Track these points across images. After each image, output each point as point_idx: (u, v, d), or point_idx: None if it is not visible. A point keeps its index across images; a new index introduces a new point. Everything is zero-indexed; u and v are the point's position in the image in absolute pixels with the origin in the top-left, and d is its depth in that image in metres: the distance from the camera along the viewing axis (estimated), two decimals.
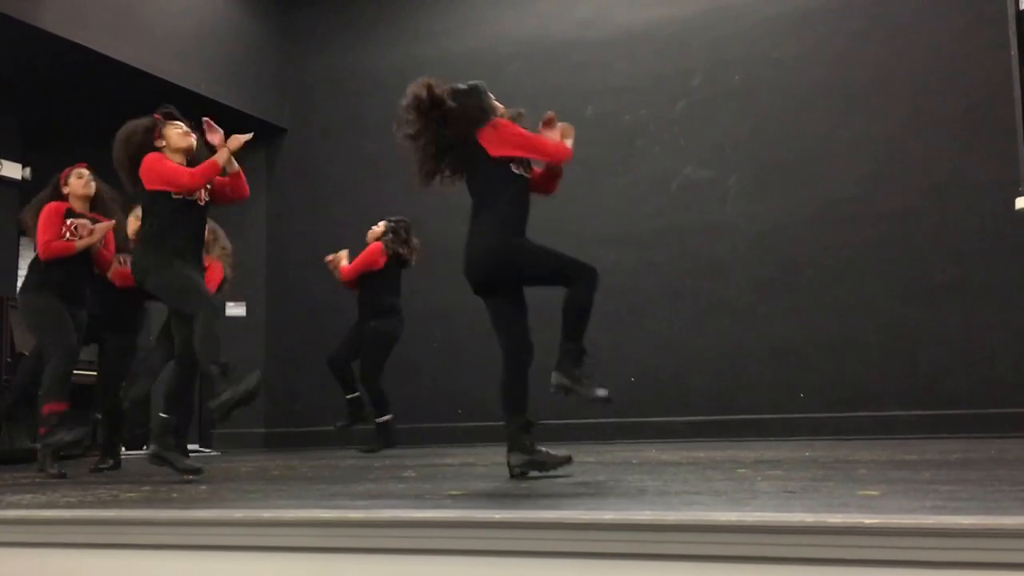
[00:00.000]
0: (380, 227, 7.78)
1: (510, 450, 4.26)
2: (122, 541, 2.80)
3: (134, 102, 9.38)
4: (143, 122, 5.24)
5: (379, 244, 7.67)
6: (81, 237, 5.77)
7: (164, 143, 5.19)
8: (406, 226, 7.79)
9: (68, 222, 5.78)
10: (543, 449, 4.31)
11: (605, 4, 9.54)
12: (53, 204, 5.82)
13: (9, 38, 7.84)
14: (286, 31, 10.71)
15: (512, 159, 4.48)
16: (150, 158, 5.06)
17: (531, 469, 4.21)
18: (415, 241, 7.82)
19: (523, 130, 4.55)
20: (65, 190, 5.89)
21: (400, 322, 7.70)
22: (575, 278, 4.33)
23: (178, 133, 5.22)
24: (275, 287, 10.48)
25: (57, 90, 9.28)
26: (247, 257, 10.27)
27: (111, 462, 6.47)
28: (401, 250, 7.72)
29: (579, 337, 4.34)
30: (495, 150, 4.46)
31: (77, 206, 5.88)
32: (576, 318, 4.32)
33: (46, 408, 5.50)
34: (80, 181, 5.91)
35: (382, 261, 7.63)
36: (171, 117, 5.29)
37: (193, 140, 5.24)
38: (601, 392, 4.29)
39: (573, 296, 4.31)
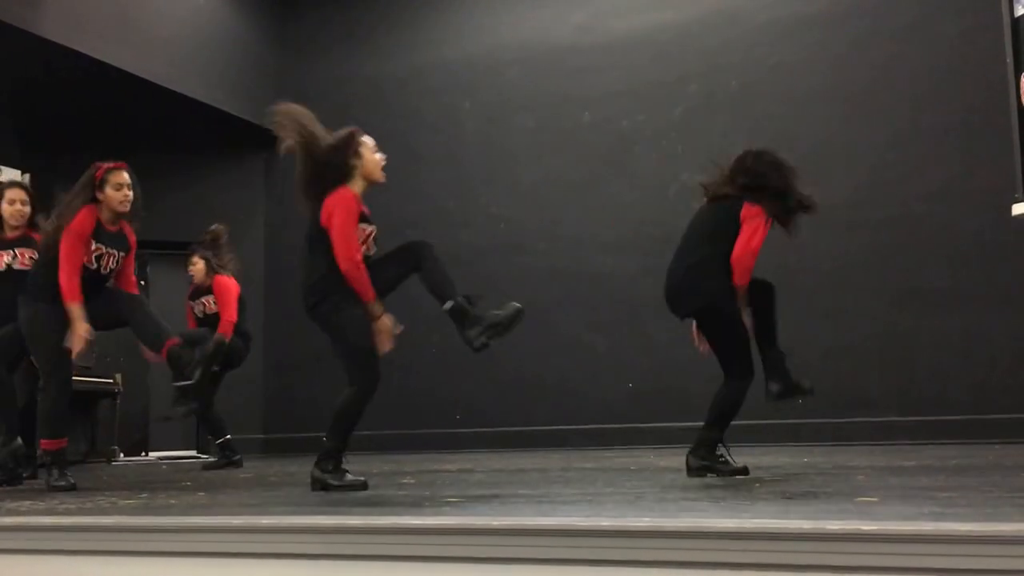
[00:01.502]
0: (200, 263, 7.35)
1: (693, 451, 4.61)
2: (121, 548, 2.80)
3: (133, 108, 9.47)
4: (342, 135, 4.52)
5: (225, 277, 7.33)
6: (104, 268, 5.05)
7: (359, 163, 4.47)
8: (214, 240, 7.43)
9: (94, 247, 5.01)
10: (725, 458, 4.63)
11: (602, 10, 9.55)
12: (79, 226, 4.94)
13: (8, 45, 7.84)
14: (285, 38, 10.71)
15: None
16: (345, 196, 4.33)
17: (708, 473, 4.52)
18: (229, 255, 7.52)
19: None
20: (100, 195, 5.06)
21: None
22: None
23: (375, 160, 4.52)
24: (273, 293, 10.47)
25: (56, 96, 9.27)
26: (246, 263, 10.24)
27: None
28: (230, 268, 7.45)
29: (774, 342, 4.91)
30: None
31: (106, 219, 5.07)
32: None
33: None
34: (118, 195, 5.06)
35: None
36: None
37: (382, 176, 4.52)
38: (806, 383, 4.84)
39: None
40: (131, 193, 5.10)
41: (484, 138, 9.83)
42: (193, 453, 9.86)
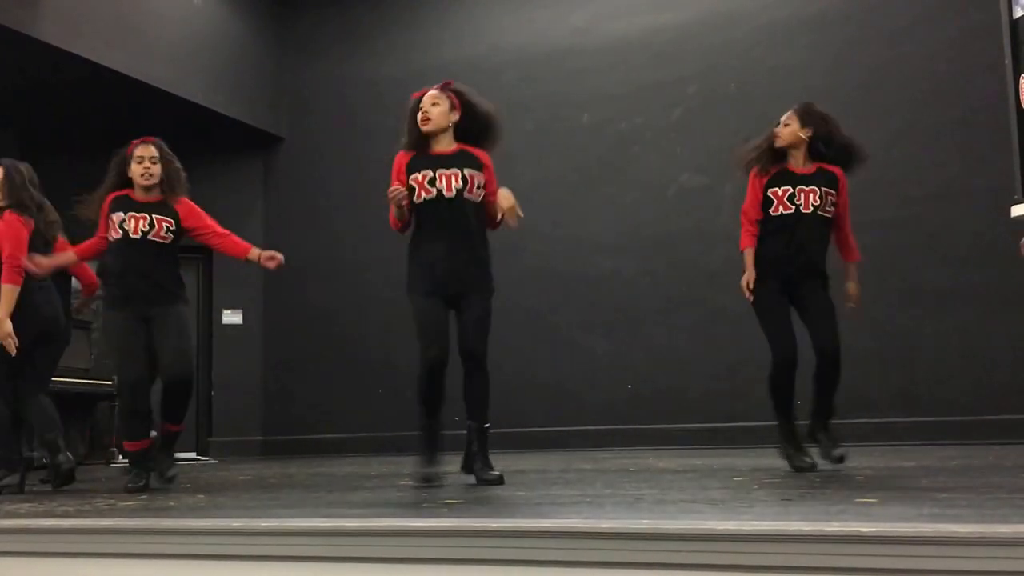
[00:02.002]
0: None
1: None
2: (120, 550, 2.79)
3: (131, 112, 9.46)
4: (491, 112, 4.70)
5: None
6: (134, 231, 4.98)
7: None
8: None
9: (116, 217, 4.99)
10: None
11: (600, 12, 9.55)
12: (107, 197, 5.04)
13: (6, 48, 7.83)
14: (283, 40, 10.71)
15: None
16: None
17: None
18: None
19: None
20: (129, 173, 5.07)
21: None
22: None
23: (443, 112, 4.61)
24: (272, 295, 10.47)
25: (54, 100, 9.27)
26: (244, 265, 10.23)
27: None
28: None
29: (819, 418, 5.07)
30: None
31: (139, 194, 5.09)
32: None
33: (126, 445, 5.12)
34: (138, 168, 5.04)
35: None
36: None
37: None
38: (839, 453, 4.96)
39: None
40: (154, 167, 5.05)
41: None
42: (192, 455, 9.85)
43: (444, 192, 4.44)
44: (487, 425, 4.64)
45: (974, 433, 7.46)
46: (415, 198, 4.46)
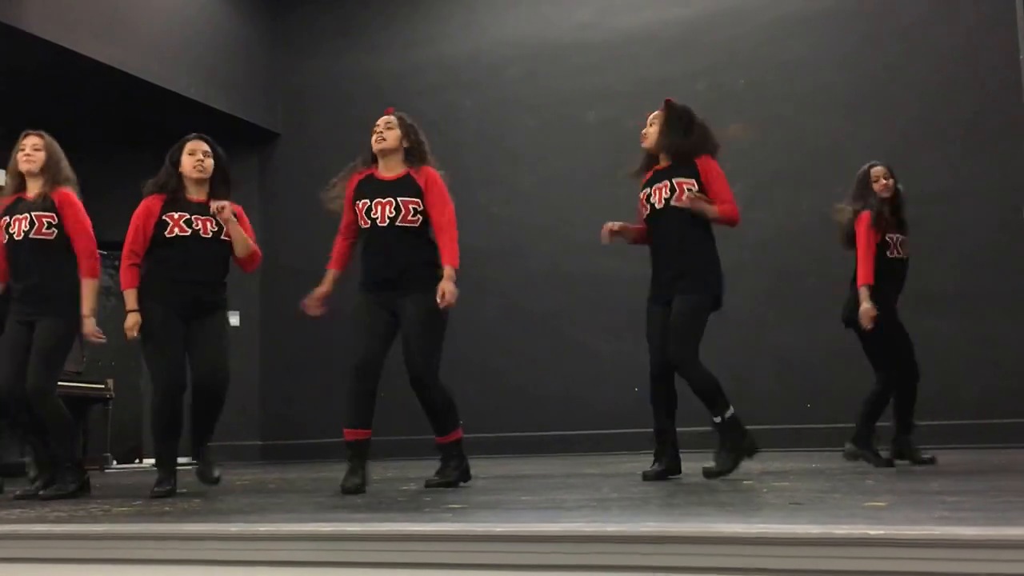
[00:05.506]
0: None
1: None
2: (114, 556, 2.76)
3: (124, 106, 9.39)
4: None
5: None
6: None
7: None
8: None
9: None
10: None
11: (607, 6, 9.50)
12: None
13: None
14: (278, 34, 10.64)
15: None
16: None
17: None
18: None
19: None
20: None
21: None
22: None
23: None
24: (269, 295, 10.38)
25: (44, 94, 9.17)
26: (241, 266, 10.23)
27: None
28: None
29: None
30: None
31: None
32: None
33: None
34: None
35: None
36: None
37: None
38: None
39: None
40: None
41: (485, 137, 9.77)
42: (188, 459, 9.81)
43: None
44: None
45: (983, 436, 7.40)
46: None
